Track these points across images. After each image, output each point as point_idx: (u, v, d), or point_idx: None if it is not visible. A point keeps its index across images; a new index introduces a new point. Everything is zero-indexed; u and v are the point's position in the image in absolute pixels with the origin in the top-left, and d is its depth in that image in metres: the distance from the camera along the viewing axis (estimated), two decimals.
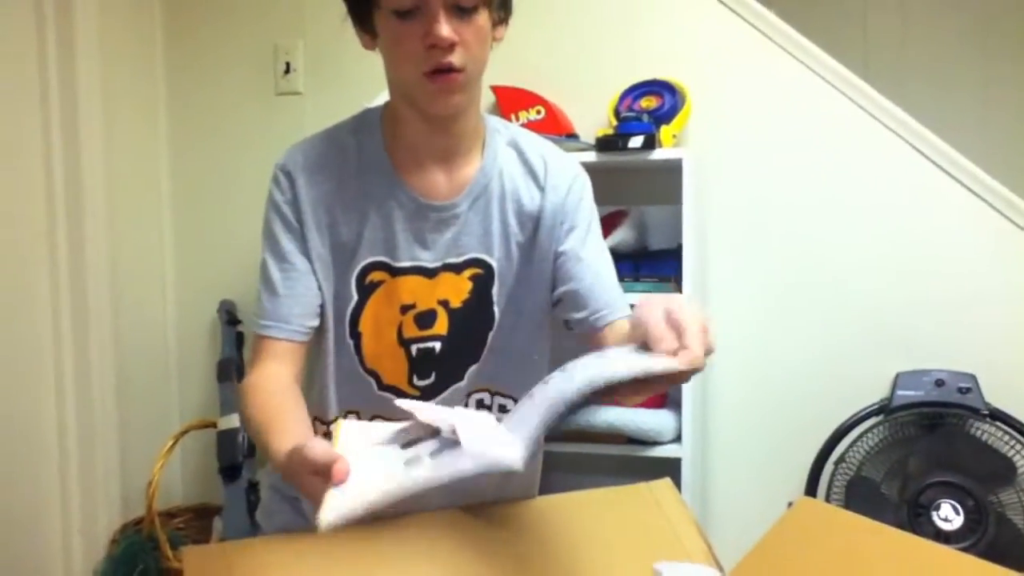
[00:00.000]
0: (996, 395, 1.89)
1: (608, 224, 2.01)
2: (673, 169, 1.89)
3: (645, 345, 0.86)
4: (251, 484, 2.09)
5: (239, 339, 2.35)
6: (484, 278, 1.16)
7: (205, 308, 2.43)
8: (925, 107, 2.14)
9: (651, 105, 2.01)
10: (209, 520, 2.24)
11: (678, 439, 1.89)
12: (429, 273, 1.14)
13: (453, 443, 0.82)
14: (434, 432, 0.86)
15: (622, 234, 1.99)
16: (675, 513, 1.24)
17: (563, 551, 1.15)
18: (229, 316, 2.35)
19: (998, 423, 1.86)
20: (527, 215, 1.17)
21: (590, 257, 1.19)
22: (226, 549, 1.12)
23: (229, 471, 2.08)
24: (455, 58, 1.03)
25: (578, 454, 1.98)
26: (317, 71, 2.35)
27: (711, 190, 2.08)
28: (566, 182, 1.18)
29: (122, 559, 2.06)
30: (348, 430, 0.89)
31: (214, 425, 2.19)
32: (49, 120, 2.12)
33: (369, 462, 0.84)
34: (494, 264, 1.16)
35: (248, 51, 2.40)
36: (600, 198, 2.09)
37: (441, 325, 1.15)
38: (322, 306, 1.15)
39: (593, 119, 2.09)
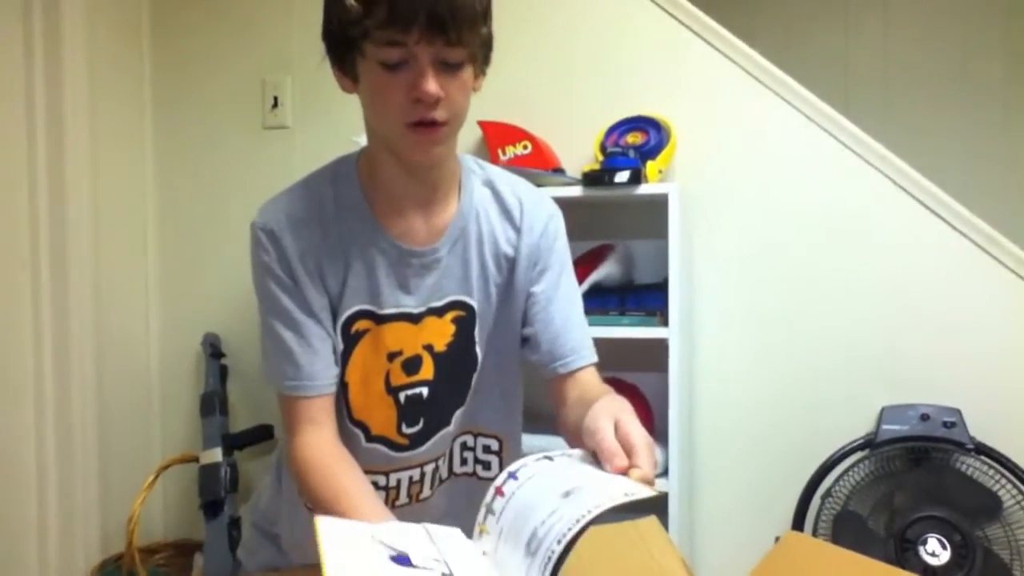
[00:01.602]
0: (981, 429, 1.90)
1: (594, 258, 2.02)
2: (659, 204, 1.90)
3: (595, 454, 0.89)
4: (233, 520, 2.07)
5: (223, 372, 2.33)
6: (466, 320, 1.17)
7: (189, 341, 2.41)
8: (907, 145, 2.16)
9: (637, 141, 2.03)
10: (190, 556, 2.20)
11: (665, 474, 1.88)
12: (414, 319, 1.14)
13: None
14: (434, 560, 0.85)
15: (608, 268, 2.00)
16: (662, 549, 1.23)
17: None
18: (213, 349, 2.33)
19: (983, 457, 1.86)
20: (504, 256, 1.18)
21: (560, 301, 1.20)
22: None
23: (211, 506, 2.06)
24: (439, 113, 1.03)
25: None
26: (305, 105, 2.36)
27: (697, 224, 2.10)
28: (541, 222, 1.20)
29: None
30: (327, 529, 0.85)
31: (196, 460, 2.17)
32: (35, 151, 2.12)
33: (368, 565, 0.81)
34: (475, 305, 1.17)
35: (236, 85, 2.41)
36: (586, 232, 2.12)
37: (427, 370, 1.15)
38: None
39: (580, 154, 2.11)
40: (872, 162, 2.01)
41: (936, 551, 1.80)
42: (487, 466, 1.25)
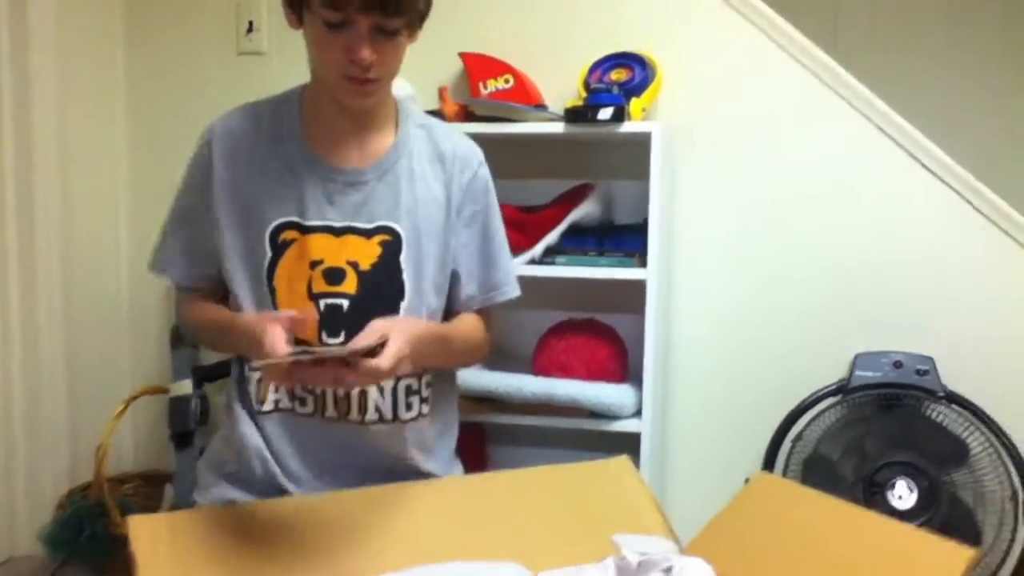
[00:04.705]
0: (953, 378, 1.91)
1: (574, 197, 2.00)
2: (641, 143, 1.87)
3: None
4: (203, 452, 2.05)
5: None
6: (392, 244, 1.24)
7: None
8: (894, 88, 2.13)
9: (621, 78, 1.98)
10: (159, 487, 2.19)
11: (638, 414, 1.89)
12: (336, 232, 1.22)
13: None
14: None
15: (587, 207, 1.97)
16: (633, 488, 1.25)
17: (524, 525, 1.15)
18: None
19: (954, 405, 1.88)
20: (434, 197, 1.27)
21: (495, 240, 1.34)
22: (171, 518, 1.11)
23: (181, 438, 2.04)
24: (372, 72, 1.15)
25: (539, 427, 1.97)
26: (281, 30, 2.27)
27: (679, 165, 2.07)
28: (471, 168, 1.30)
29: (69, 523, 2.01)
30: None
31: (166, 391, 2.15)
32: None
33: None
34: (402, 232, 1.25)
35: (209, 9, 2.33)
36: (567, 170, 2.09)
37: (350, 284, 1.22)
38: (222, 261, 1.25)
39: (562, 90, 2.06)
40: (858, 107, 1.99)
41: (903, 495, 1.82)
42: (409, 406, 1.28)
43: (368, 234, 1.23)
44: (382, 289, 1.24)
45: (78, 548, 1.99)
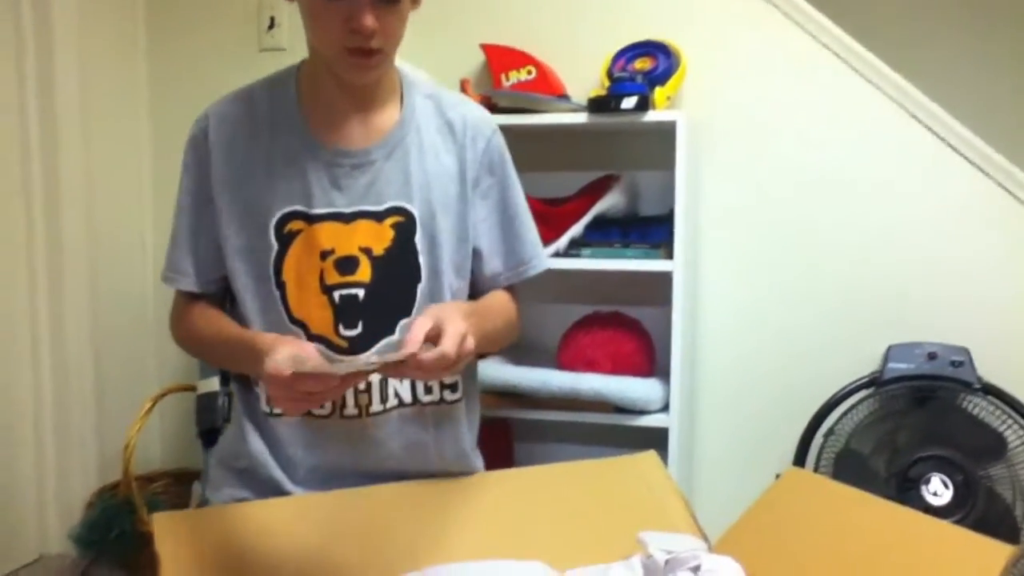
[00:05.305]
0: (989, 369, 1.87)
1: (598, 188, 1.97)
2: (666, 132, 1.84)
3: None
4: None
5: None
6: (406, 225, 1.18)
7: None
8: (925, 69, 2.09)
9: (645, 66, 1.96)
10: (188, 485, 2.20)
11: (665, 409, 1.86)
12: (345, 218, 1.16)
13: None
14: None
15: (612, 199, 1.94)
16: (660, 485, 1.22)
17: (549, 522, 1.13)
18: None
19: (990, 397, 1.84)
20: (446, 171, 1.20)
21: (508, 213, 1.25)
22: (194, 516, 1.11)
23: (208, 435, 2.04)
24: (375, 43, 1.08)
25: (565, 423, 1.95)
26: (303, 26, 2.28)
27: (705, 155, 2.04)
28: (484, 137, 1.23)
29: (98, 522, 2.02)
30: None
31: (193, 388, 2.15)
32: (24, 80, 2.06)
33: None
34: (415, 211, 1.18)
35: (231, 6, 2.33)
36: (591, 162, 2.07)
37: (364, 272, 1.16)
38: (225, 259, 1.18)
39: (586, 80, 2.04)
40: (889, 93, 1.95)
41: (938, 490, 1.78)
42: (429, 389, 1.22)
43: (379, 217, 1.17)
44: (398, 274, 1.17)
45: (107, 546, 2.00)
